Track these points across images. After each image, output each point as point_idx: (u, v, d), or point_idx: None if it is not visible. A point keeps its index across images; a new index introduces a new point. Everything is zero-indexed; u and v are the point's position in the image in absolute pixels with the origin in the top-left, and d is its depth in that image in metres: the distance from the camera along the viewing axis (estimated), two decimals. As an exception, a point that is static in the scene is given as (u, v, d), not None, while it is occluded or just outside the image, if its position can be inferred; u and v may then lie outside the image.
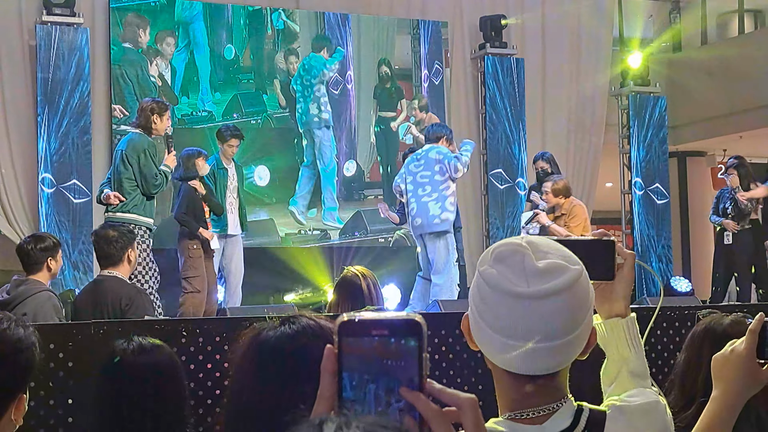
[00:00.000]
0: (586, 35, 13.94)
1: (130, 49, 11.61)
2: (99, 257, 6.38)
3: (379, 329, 1.16)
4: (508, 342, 1.72)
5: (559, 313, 1.71)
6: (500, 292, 1.72)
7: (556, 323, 1.71)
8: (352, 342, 1.16)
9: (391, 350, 1.15)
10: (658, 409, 1.94)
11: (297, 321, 1.77)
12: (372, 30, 13.01)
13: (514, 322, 1.71)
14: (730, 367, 2.11)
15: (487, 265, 1.77)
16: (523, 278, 1.72)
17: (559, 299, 1.71)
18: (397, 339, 1.16)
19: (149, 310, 6.24)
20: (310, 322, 1.78)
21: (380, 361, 1.15)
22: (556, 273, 1.72)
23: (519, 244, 1.76)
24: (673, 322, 5.61)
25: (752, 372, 2.10)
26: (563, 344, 1.73)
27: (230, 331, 4.71)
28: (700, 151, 16.45)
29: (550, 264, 1.73)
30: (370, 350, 1.16)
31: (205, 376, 4.59)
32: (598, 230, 2.10)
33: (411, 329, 1.16)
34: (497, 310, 1.73)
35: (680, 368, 3.08)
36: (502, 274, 1.73)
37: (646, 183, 13.40)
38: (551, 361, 1.74)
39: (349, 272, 5.17)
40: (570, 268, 1.74)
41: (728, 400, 2.11)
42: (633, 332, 2.07)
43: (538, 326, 1.71)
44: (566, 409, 1.80)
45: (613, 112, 13.87)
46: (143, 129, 8.19)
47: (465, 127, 13.21)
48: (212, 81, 12.11)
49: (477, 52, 13.25)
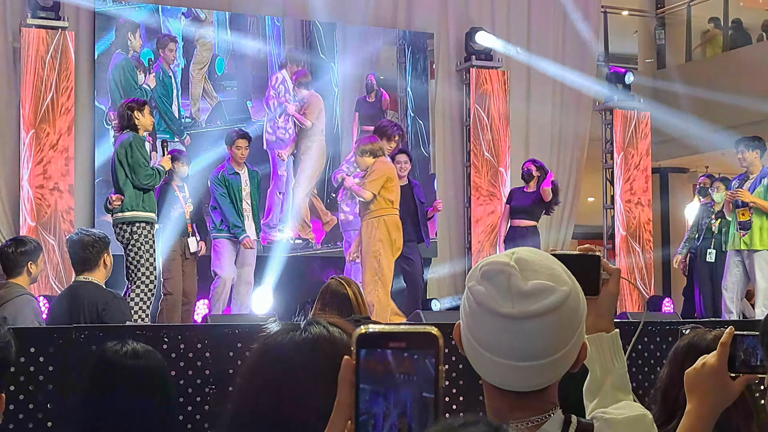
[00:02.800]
0: (571, 49, 13.98)
1: (118, 54, 11.54)
2: (74, 263, 6.35)
3: (397, 342, 1.17)
4: (493, 358, 1.73)
5: (543, 334, 1.71)
6: (486, 310, 1.73)
7: (541, 344, 1.71)
8: (370, 354, 1.18)
9: (407, 363, 1.17)
10: (645, 421, 1.94)
11: (308, 329, 1.76)
12: (358, 41, 13.00)
13: (498, 339, 1.72)
14: (703, 380, 2.13)
15: (474, 281, 1.77)
16: (508, 299, 1.71)
17: (544, 321, 1.71)
18: (414, 352, 1.17)
19: (126, 316, 6.21)
20: (320, 330, 1.77)
21: (397, 373, 1.16)
22: (542, 295, 1.72)
23: (506, 263, 1.75)
24: (655, 336, 5.63)
25: (724, 385, 2.12)
26: (549, 363, 1.73)
27: (212, 339, 4.70)
28: (682, 168, 16.53)
29: (537, 285, 1.72)
30: (387, 362, 1.17)
31: (186, 382, 4.58)
32: (584, 245, 2.10)
33: (428, 342, 1.17)
34: (483, 326, 1.74)
35: (663, 382, 3.08)
36: (489, 293, 1.73)
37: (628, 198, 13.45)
38: (537, 379, 1.75)
39: (333, 281, 5.16)
40: (557, 289, 1.73)
41: (702, 413, 2.13)
42: (616, 347, 2.08)
43: (522, 346, 1.71)
44: (554, 421, 1.80)
45: (597, 127, 13.91)
46: (130, 129, 8.18)
47: (449, 139, 13.22)
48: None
49: (462, 64, 13.27)
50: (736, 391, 2.13)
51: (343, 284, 5.07)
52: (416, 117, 13.15)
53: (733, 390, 2.13)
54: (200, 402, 4.53)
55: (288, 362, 1.72)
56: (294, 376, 1.71)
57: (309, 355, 1.72)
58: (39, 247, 6.46)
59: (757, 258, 9.54)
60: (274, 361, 1.72)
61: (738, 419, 2.84)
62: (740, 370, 2.11)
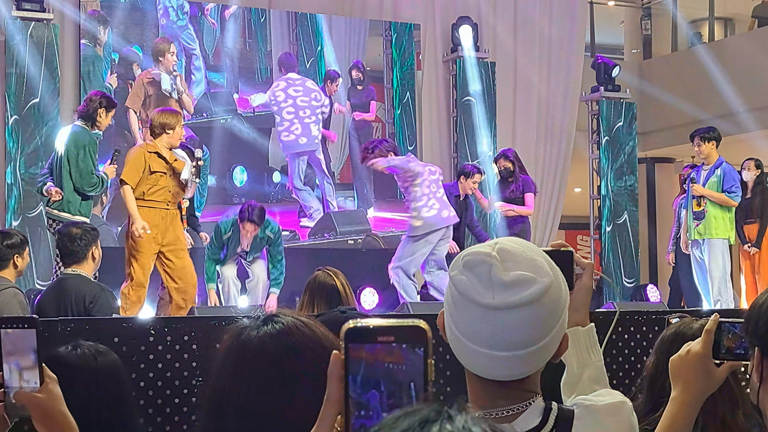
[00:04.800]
0: (557, 40, 13.99)
1: (85, 44, 11.44)
2: (62, 255, 6.33)
3: (385, 336, 1.17)
4: (474, 347, 1.74)
5: (523, 325, 1.71)
6: (467, 299, 1.73)
7: (521, 335, 1.72)
8: (358, 348, 1.18)
9: (396, 356, 1.17)
10: (624, 409, 1.95)
11: (279, 320, 1.75)
12: (344, 31, 12.99)
13: (479, 329, 1.72)
14: (687, 367, 2.15)
15: (457, 270, 1.77)
16: (489, 289, 1.72)
17: (524, 312, 1.71)
18: (402, 345, 1.17)
19: (114, 309, 6.20)
20: (293, 320, 1.76)
21: (386, 366, 1.17)
22: (522, 286, 1.72)
23: (488, 254, 1.75)
24: (641, 326, 5.64)
25: (708, 371, 2.14)
26: (529, 353, 1.74)
27: (198, 331, 4.69)
28: (668, 158, 16.56)
29: (517, 277, 1.73)
30: (375, 356, 1.17)
31: (173, 375, 4.57)
32: (557, 241, 2.11)
33: (416, 335, 1.17)
34: (464, 315, 1.74)
35: (649, 371, 3.09)
36: (470, 283, 1.74)
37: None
38: (517, 369, 1.76)
39: (320, 272, 5.12)
40: (537, 281, 1.73)
41: (686, 399, 2.14)
42: (592, 341, 2.10)
43: (502, 336, 1.71)
44: (535, 408, 1.81)
45: (583, 118, 13.92)
46: (87, 120, 8.10)
47: (436, 130, 13.22)
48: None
49: (449, 55, 13.26)
50: (720, 378, 2.14)
51: (330, 275, 5.04)
52: (403, 108, 13.15)
53: (717, 377, 2.14)
54: (187, 394, 4.52)
55: (264, 353, 1.71)
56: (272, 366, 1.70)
57: (285, 345, 1.71)
58: (25, 240, 6.44)
59: (711, 247, 9.69)
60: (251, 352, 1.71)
61: (724, 407, 2.85)
62: (725, 357, 2.12)
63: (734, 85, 14.08)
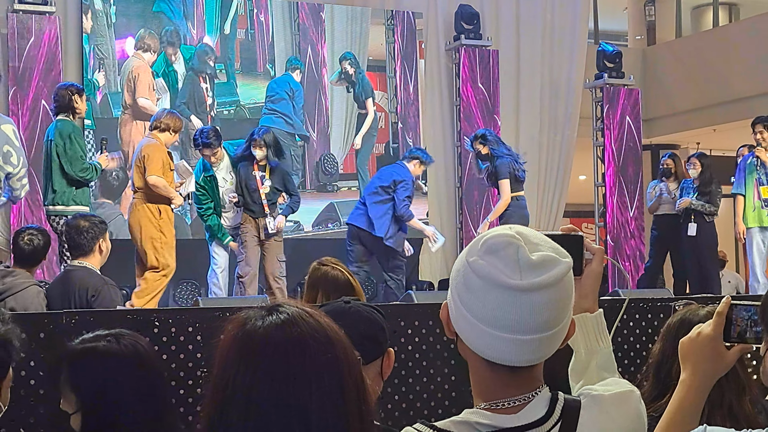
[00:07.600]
0: (560, 27, 13.96)
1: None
2: (70, 247, 6.32)
3: None
4: (494, 332, 1.71)
5: (548, 306, 1.71)
6: (491, 283, 1.71)
7: (545, 316, 1.71)
8: None
9: None
10: (632, 398, 1.92)
11: (284, 310, 1.74)
12: (346, 20, 12.97)
13: (503, 313, 1.70)
14: (697, 349, 2.11)
15: (476, 255, 1.75)
16: (516, 270, 1.70)
17: (549, 292, 1.70)
18: None
19: (116, 303, 6.18)
20: (298, 310, 1.75)
21: None
22: (549, 266, 1.72)
23: (512, 236, 1.74)
24: (647, 313, 5.63)
25: (719, 354, 2.10)
26: (549, 336, 1.73)
27: (203, 321, 4.69)
28: (673, 144, 16.53)
29: (544, 256, 1.72)
30: None
31: (178, 366, 4.57)
32: (567, 225, 2.09)
33: None
34: (485, 300, 1.72)
35: (655, 358, 3.08)
36: (494, 266, 1.71)
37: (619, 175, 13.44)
38: (536, 353, 1.74)
39: (329, 265, 4.79)
40: (561, 261, 1.74)
41: (696, 382, 2.11)
42: (601, 327, 2.08)
43: (527, 319, 1.70)
44: (541, 398, 1.79)
45: (587, 105, 13.89)
46: (68, 111, 8.16)
47: (439, 119, 13.21)
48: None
49: (452, 43, 13.23)
50: (731, 360, 2.11)
51: (339, 269, 4.83)
52: (405, 97, 13.13)
53: (727, 359, 2.11)
54: (192, 385, 4.52)
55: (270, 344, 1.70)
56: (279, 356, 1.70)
57: (291, 335, 1.70)
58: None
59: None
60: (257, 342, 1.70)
61: (731, 395, 2.85)
62: (735, 340, 2.09)
63: (738, 71, 14.05)
